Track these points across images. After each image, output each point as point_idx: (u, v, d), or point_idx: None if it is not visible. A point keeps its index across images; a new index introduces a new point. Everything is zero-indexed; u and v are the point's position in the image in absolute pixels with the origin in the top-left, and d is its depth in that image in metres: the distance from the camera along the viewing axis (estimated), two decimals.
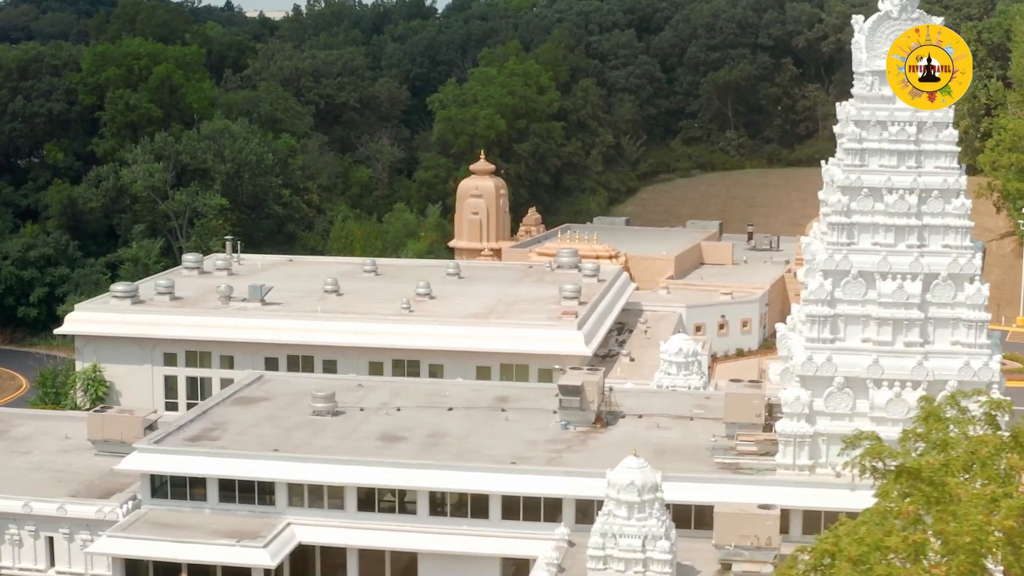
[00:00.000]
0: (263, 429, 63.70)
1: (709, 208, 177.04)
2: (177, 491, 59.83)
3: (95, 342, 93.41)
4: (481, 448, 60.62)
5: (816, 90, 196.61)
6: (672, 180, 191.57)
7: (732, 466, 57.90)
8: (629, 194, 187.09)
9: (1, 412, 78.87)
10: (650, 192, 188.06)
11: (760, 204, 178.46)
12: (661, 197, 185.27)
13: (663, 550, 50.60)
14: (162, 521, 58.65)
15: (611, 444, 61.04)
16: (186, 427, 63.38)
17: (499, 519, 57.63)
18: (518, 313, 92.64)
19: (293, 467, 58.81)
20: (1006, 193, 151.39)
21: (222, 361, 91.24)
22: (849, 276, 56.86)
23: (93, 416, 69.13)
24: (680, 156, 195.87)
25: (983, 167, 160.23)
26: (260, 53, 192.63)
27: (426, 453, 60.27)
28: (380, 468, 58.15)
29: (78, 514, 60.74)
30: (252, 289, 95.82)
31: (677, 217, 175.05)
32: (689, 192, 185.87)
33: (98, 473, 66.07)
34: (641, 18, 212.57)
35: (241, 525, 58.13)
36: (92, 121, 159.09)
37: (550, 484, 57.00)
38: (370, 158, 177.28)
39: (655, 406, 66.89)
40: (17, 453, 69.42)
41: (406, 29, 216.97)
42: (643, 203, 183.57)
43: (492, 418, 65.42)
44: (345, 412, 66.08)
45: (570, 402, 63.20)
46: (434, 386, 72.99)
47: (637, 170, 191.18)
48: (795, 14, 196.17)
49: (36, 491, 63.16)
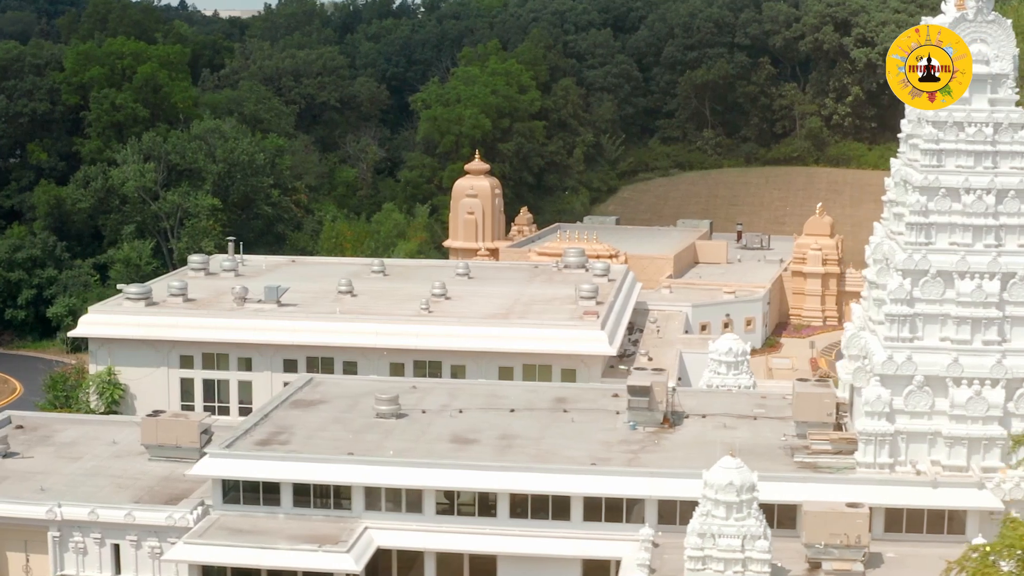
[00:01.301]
0: (330, 432, 63.11)
1: (691, 207, 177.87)
2: (249, 496, 59.11)
3: (109, 345, 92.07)
4: (557, 450, 60.44)
5: (792, 89, 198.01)
6: (652, 179, 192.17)
7: (811, 465, 58.10)
8: (610, 193, 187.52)
9: (41, 417, 77.44)
10: (631, 191, 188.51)
11: (742, 203, 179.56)
12: (642, 196, 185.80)
13: (762, 549, 50.73)
14: (236, 527, 57.92)
15: (684, 444, 61.14)
16: (252, 431, 62.63)
17: (580, 520, 57.46)
18: (538, 313, 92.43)
19: (370, 470, 58.30)
20: None
21: (240, 363, 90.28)
22: (928, 276, 57.31)
23: (147, 420, 68.22)
24: (658, 155, 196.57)
25: None
26: (237, 52, 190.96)
27: (502, 455, 59.99)
28: (461, 471, 57.74)
29: (146, 520, 59.86)
30: (268, 290, 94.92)
31: (660, 216, 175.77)
32: (670, 191, 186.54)
33: (156, 478, 65.30)
34: (616, 17, 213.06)
35: (317, 530, 57.54)
36: (74, 121, 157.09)
37: (633, 485, 56.93)
38: (352, 157, 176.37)
39: (714, 406, 67.04)
40: (68, 459, 68.36)
41: (380, 28, 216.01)
42: (624, 202, 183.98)
43: (557, 419, 65.26)
44: (408, 415, 65.59)
45: (638, 402, 63.18)
46: (491, 388, 72.73)
47: (617, 169, 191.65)
48: (772, 13, 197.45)
49: (94, 498, 62.27)
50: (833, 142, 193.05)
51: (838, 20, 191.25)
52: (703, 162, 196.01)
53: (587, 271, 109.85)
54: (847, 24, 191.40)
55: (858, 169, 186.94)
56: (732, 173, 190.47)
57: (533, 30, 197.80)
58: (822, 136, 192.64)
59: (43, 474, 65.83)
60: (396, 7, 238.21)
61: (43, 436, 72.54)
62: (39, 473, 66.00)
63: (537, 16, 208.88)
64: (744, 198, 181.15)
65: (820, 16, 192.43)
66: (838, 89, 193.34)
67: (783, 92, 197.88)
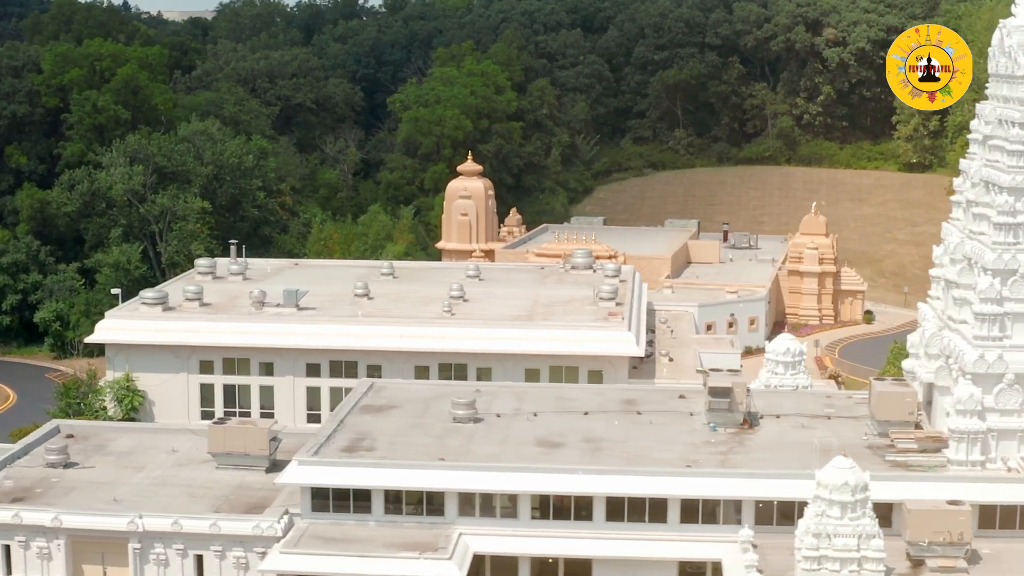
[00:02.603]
0: (411, 438, 62.53)
1: (669, 207, 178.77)
2: (339, 504, 58.41)
3: (126, 351, 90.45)
4: (645, 452, 60.34)
5: (763, 89, 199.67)
6: (626, 179, 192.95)
7: (903, 464, 58.54)
8: (586, 194, 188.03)
9: (88, 426, 75.95)
10: (606, 191, 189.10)
11: (720, 203, 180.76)
12: (618, 196, 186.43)
13: (877, 548, 51.05)
14: (328, 535, 57.22)
15: (769, 445, 61.34)
16: (333, 438, 61.87)
17: (677, 523, 57.43)
18: (560, 315, 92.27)
19: (464, 476, 57.84)
20: None
21: (261, 368, 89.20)
22: (1017, 275, 57.95)
23: (214, 428, 67.21)
24: (631, 155, 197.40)
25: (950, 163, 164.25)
26: (209, 54, 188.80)
27: (593, 458, 59.79)
28: (557, 475, 57.47)
29: (232, 530, 58.94)
30: (287, 294, 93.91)
31: (638, 216, 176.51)
32: (646, 191, 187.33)
33: (228, 487, 64.35)
34: (584, 17, 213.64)
35: (411, 537, 56.98)
36: (53, 123, 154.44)
37: (732, 486, 57.01)
38: (330, 159, 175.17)
39: (784, 406, 67.27)
40: (131, 469, 67.14)
41: (346, 29, 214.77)
42: (601, 203, 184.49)
43: (634, 421, 65.18)
44: (484, 419, 65.20)
45: (719, 404, 63.30)
46: (557, 390, 72.48)
47: (592, 169, 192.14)
48: (743, 14, 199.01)
49: (170, 508, 61.23)
50: (804, 141, 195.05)
51: (809, 20, 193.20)
52: (675, 162, 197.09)
53: (594, 272, 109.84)
54: (818, 24, 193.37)
55: (831, 168, 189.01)
56: (706, 172, 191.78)
57: (506, 31, 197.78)
58: (793, 135, 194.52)
59: (109, 484, 64.60)
60: (359, 7, 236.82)
61: (97, 445, 71.18)
62: (105, 484, 64.77)
63: (506, 17, 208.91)
64: (721, 198, 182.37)
65: (791, 16, 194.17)
66: (809, 88, 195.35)
67: (754, 92, 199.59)
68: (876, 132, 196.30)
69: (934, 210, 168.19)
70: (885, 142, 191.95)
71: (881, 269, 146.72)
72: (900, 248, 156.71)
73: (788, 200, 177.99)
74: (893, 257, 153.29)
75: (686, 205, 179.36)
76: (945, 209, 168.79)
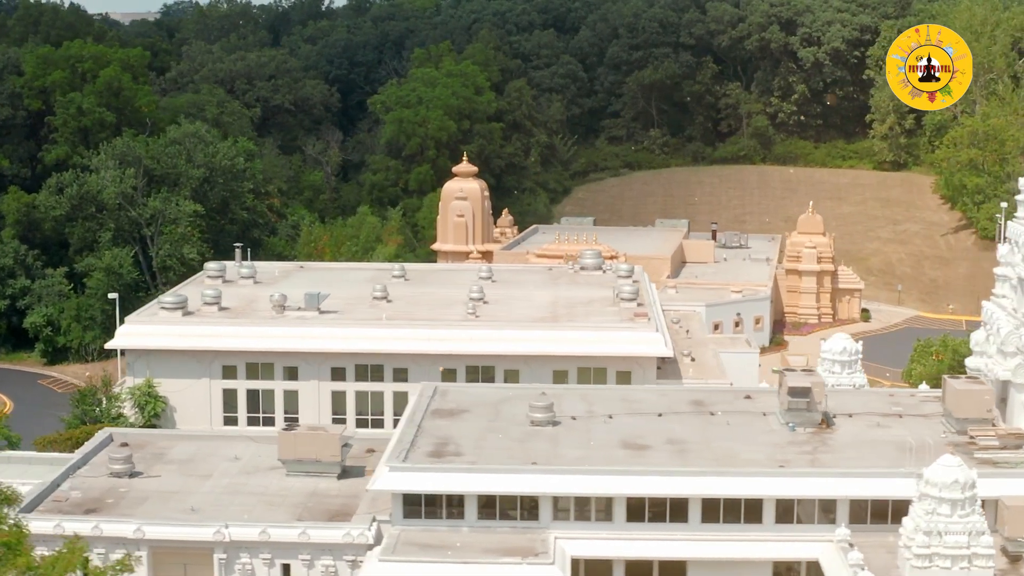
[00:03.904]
0: (494, 442, 62.12)
1: (649, 207, 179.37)
2: (431, 510, 57.89)
3: (147, 356, 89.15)
4: (733, 452, 60.40)
5: (737, 88, 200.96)
6: (603, 179, 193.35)
7: (989, 461, 59.10)
8: (565, 194, 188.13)
9: (140, 434, 74.75)
10: (584, 192, 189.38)
11: (700, 202, 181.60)
12: (598, 196, 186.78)
13: (987, 545, 51.55)
14: (423, 542, 56.67)
15: (852, 444, 61.65)
16: (417, 443, 61.28)
17: (772, 523, 57.58)
18: (584, 316, 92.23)
19: (559, 480, 57.59)
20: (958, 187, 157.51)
21: (285, 372, 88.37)
22: None
23: (284, 434, 66.44)
24: (607, 155, 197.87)
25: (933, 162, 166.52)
26: (184, 55, 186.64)
27: (682, 460, 59.74)
28: (653, 477, 57.38)
29: (322, 539, 58.29)
30: (308, 297, 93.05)
31: (620, 216, 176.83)
32: (625, 191, 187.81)
33: (303, 494, 63.68)
34: (555, 17, 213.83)
35: (506, 542, 56.62)
36: (31, 127, 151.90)
37: (826, 486, 57.22)
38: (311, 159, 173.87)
39: (852, 405, 67.59)
40: (198, 477, 66.18)
41: (315, 30, 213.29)
42: (580, 203, 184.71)
43: (710, 423, 65.22)
44: (561, 422, 64.96)
45: (798, 403, 63.52)
46: (622, 392, 72.28)
47: (570, 170, 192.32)
48: (717, 14, 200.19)
49: (248, 517, 60.47)
50: (779, 140, 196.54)
51: (783, 20, 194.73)
52: (651, 162, 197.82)
53: (604, 272, 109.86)
54: (792, 24, 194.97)
55: (806, 167, 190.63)
56: (684, 172, 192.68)
57: (481, 31, 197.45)
58: (768, 134, 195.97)
59: (181, 494, 63.67)
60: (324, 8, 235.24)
61: (154, 454, 70.12)
62: (176, 493, 63.83)
63: (478, 17, 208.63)
64: (701, 197, 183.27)
65: (766, 16, 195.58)
66: (783, 88, 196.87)
67: (727, 91, 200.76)
68: (849, 131, 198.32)
69: (914, 208, 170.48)
70: (858, 141, 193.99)
71: (868, 267, 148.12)
72: (884, 246, 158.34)
73: (768, 199, 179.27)
74: (879, 255, 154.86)
75: (666, 205, 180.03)
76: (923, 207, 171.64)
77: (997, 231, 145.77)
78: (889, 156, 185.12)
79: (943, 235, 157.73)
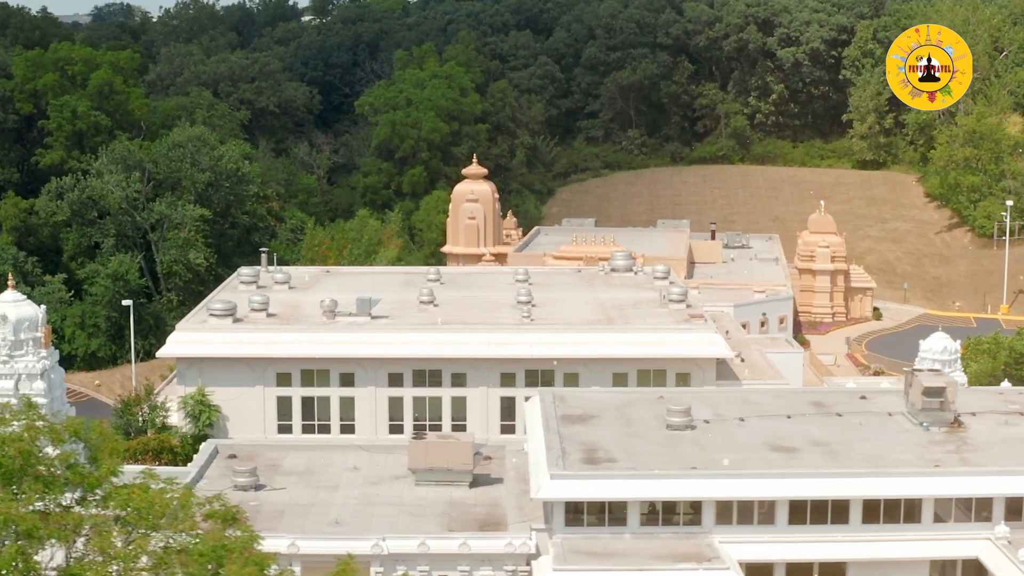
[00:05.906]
0: (639, 447, 61.64)
1: (636, 208, 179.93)
2: (593, 518, 57.47)
3: (199, 364, 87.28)
4: (882, 453, 60.63)
5: (713, 89, 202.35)
6: (586, 180, 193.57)
7: None
8: (549, 195, 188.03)
9: (247, 446, 73.30)
10: (569, 192, 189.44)
11: (685, 202, 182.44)
12: (583, 197, 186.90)
13: None
14: (589, 550, 56.14)
15: (993, 442, 62.18)
16: (566, 452, 60.69)
17: (931, 522, 58.02)
18: (637, 317, 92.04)
19: (722, 484, 57.46)
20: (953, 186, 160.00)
21: (342, 379, 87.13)
22: None
23: (415, 443, 65.65)
24: (587, 156, 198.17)
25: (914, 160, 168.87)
26: (162, 57, 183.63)
27: (835, 461, 59.83)
28: (817, 479, 57.47)
29: (483, 549, 57.60)
30: (360, 302, 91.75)
31: (608, 217, 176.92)
32: (609, 192, 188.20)
33: (442, 504, 62.91)
34: (528, 18, 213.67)
35: (671, 548, 56.31)
36: (19, 131, 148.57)
37: (983, 484, 57.74)
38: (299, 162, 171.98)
39: (969, 404, 68.08)
40: (324, 489, 65.11)
41: (286, 32, 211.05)
42: (566, 204, 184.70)
43: (842, 424, 65.35)
44: (696, 426, 64.81)
45: (931, 403, 64.00)
46: (740, 394, 72.25)
47: (552, 171, 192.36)
48: (694, 14, 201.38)
49: (395, 529, 59.56)
50: (757, 140, 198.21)
51: (760, 20, 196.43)
52: (630, 162, 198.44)
53: (635, 274, 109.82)
54: (770, 24, 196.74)
55: (785, 166, 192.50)
56: (666, 172, 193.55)
57: (460, 32, 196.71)
58: (746, 134, 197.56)
59: (315, 507, 62.59)
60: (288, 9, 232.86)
61: (267, 466, 68.91)
62: (310, 506, 62.74)
63: (452, 18, 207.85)
64: (686, 197, 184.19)
65: (743, 16, 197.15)
66: (760, 87, 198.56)
67: (704, 91, 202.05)
68: (826, 131, 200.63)
69: (900, 206, 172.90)
70: (836, 140, 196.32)
71: (867, 266, 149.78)
72: (877, 245, 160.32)
73: (753, 199, 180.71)
74: (874, 254, 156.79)
75: (652, 205, 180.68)
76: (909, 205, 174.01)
77: (995, 229, 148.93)
78: (869, 155, 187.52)
79: (937, 233, 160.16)
